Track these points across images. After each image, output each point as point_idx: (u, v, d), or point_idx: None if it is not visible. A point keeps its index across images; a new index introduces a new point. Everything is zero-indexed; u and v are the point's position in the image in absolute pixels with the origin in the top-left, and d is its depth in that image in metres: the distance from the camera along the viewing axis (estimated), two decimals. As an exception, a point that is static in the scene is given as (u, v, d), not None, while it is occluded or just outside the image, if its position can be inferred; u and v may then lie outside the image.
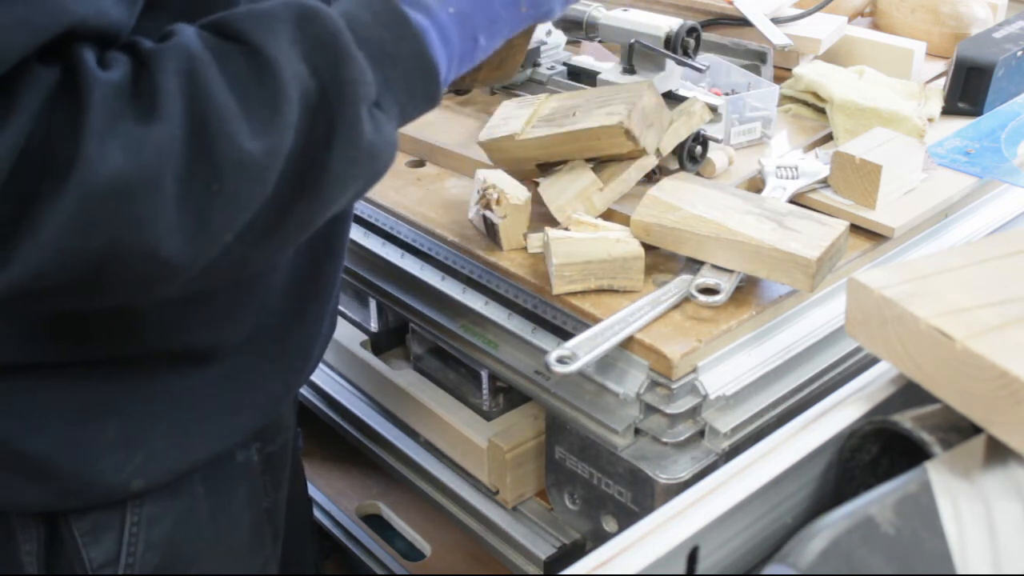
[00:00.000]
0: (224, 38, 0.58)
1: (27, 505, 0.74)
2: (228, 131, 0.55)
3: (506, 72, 0.87)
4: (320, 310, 0.87)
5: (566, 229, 0.89)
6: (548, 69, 1.15)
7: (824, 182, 0.98)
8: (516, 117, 0.96)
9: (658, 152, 0.93)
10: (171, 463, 0.77)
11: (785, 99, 1.17)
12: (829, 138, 1.10)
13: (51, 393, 0.71)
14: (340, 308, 1.20)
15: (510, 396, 1.05)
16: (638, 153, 0.91)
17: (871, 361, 0.62)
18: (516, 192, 0.91)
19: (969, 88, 1.14)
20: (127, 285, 0.58)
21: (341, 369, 1.23)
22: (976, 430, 0.52)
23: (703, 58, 1.08)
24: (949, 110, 1.15)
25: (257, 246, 0.60)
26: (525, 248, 0.93)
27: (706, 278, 0.86)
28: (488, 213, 0.93)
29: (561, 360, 0.79)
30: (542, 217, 0.93)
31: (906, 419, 0.53)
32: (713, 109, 0.98)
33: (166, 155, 0.53)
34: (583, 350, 0.80)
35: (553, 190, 0.92)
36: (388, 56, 0.63)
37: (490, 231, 0.94)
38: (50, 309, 0.66)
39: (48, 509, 0.75)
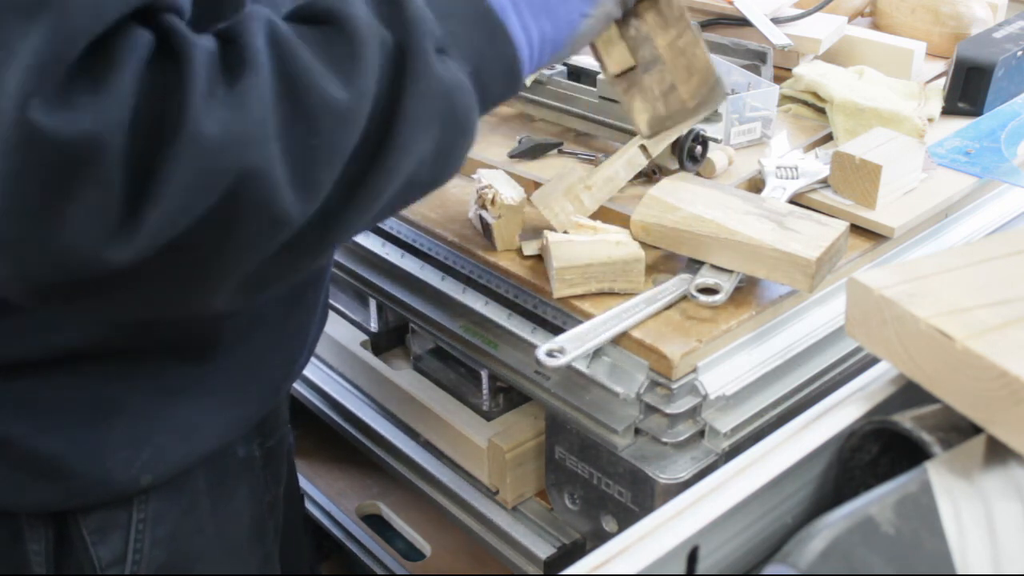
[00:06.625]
0: (298, 11, 0.61)
1: (36, 505, 0.74)
2: (316, 83, 0.58)
3: (703, 79, 0.76)
4: (316, 295, 0.88)
5: (565, 232, 0.89)
6: (548, 70, 1.15)
7: (824, 182, 0.98)
8: None
9: (647, 153, 0.93)
10: (178, 458, 0.77)
11: (785, 99, 1.17)
12: (829, 138, 1.10)
13: (59, 392, 0.71)
14: (340, 308, 1.20)
15: (510, 396, 1.05)
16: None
17: (871, 361, 0.62)
18: (511, 192, 0.91)
19: (969, 88, 1.14)
20: (246, 246, 0.58)
21: (341, 369, 1.23)
22: (976, 430, 0.52)
23: (703, 58, 1.08)
24: (949, 110, 1.15)
25: (344, 208, 0.61)
26: (519, 249, 0.93)
27: (706, 278, 0.86)
28: (483, 213, 0.93)
29: (550, 354, 0.79)
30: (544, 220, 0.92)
31: (906, 419, 0.53)
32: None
33: (265, 110, 0.56)
34: (573, 345, 0.80)
35: (542, 191, 0.92)
36: (450, 14, 0.65)
37: (485, 231, 0.94)
38: (163, 299, 0.62)
39: (57, 508, 0.75)
